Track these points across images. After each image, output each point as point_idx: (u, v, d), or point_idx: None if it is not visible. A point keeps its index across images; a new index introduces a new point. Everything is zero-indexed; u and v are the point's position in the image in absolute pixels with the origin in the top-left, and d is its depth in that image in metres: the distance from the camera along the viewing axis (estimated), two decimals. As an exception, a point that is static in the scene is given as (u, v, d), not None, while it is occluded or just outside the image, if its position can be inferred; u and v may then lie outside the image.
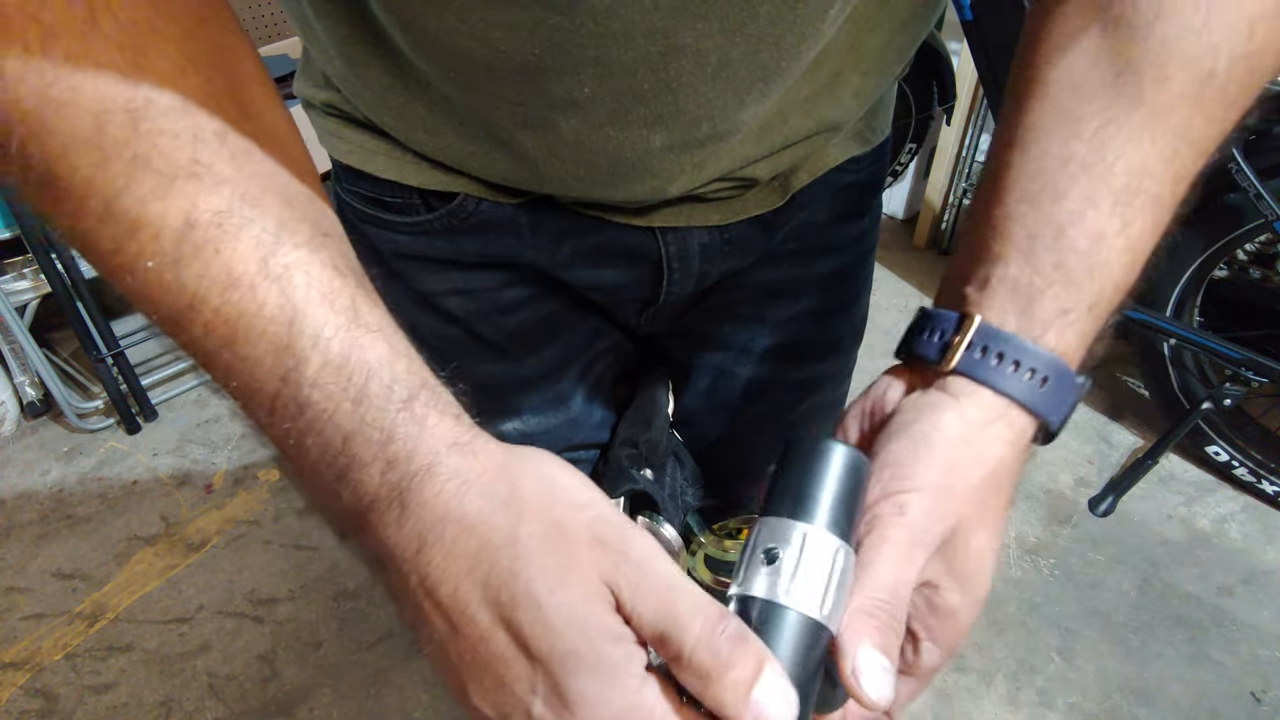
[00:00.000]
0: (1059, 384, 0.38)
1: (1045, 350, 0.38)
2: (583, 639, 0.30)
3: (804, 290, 0.69)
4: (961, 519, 0.36)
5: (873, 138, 0.65)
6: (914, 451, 0.37)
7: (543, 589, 0.30)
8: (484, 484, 0.32)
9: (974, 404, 0.38)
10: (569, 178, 0.52)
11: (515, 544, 0.31)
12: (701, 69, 0.43)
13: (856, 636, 0.33)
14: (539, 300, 0.64)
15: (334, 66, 0.51)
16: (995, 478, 0.37)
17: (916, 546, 0.35)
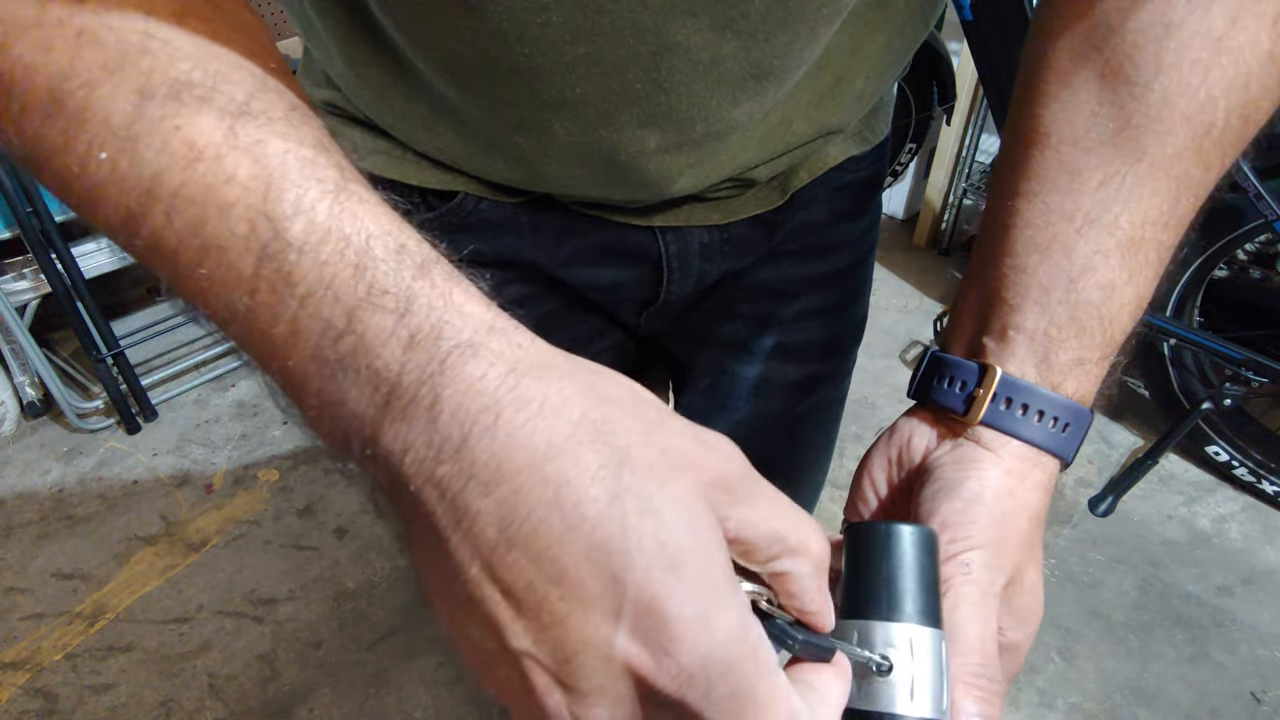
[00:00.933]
0: (1076, 426, 0.40)
1: (1065, 399, 0.40)
2: (694, 553, 0.24)
3: (804, 290, 0.69)
4: (1016, 564, 0.39)
5: (872, 137, 0.65)
6: (968, 511, 0.39)
7: (653, 485, 0.25)
8: (549, 373, 0.26)
9: (1011, 455, 0.40)
10: (566, 178, 0.52)
11: (611, 443, 0.25)
12: (693, 67, 0.43)
13: (964, 712, 0.35)
14: (538, 299, 0.64)
15: (334, 65, 0.52)
16: (1036, 520, 0.40)
17: (987, 598, 0.37)
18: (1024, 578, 0.39)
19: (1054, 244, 0.40)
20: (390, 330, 0.26)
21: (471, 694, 1.51)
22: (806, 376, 0.74)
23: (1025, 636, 0.40)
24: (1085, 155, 0.40)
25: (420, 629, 1.62)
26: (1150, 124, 0.38)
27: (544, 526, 0.24)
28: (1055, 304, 0.40)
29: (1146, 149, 0.39)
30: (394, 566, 1.73)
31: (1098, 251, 0.39)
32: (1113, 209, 0.39)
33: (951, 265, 2.67)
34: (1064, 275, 0.40)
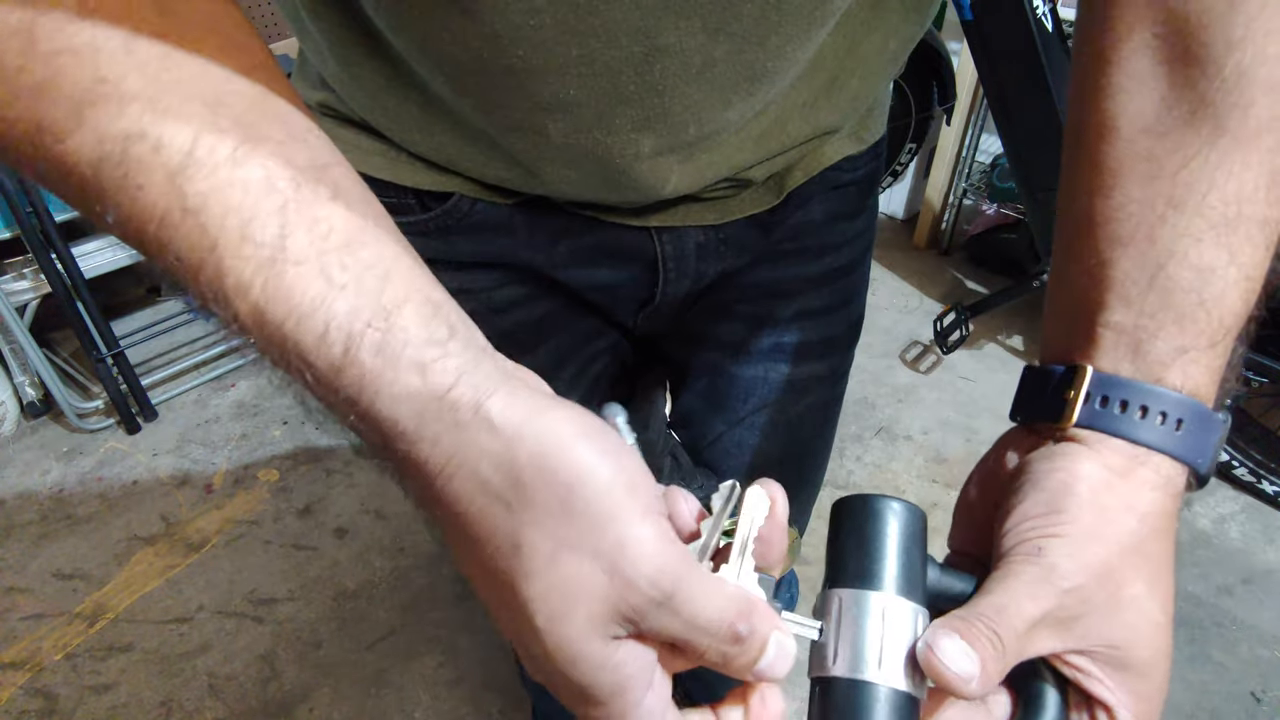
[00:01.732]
0: (1197, 425, 0.36)
1: (1171, 391, 0.36)
2: (572, 669, 0.29)
3: (801, 289, 0.69)
4: (1118, 568, 0.34)
5: (868, 137, 0.65)
6: (1055, 502, 0.36)
7: (542, 617, 0.28)
8: (480, 470, 0.28)
9: (1111, 451, 0.36)
10: (560, 179, 0.52)
11: (518, 556, 0.28)
12: (686, 69, 0.43)
13: (938, 628, 0.32)
14: (535, 300, 0.64)
15: (329, 67, 0.51)
16: (1151, 525, 0.35)
17: (1045, 584, 0.34)
18: (1124, 586, 0.34)
19: (1137, 234, 0.37)
20: (338, 413, 0.28)
21: (471, 694, 1.51)
22: (804, 376, 0.74)
23: (1145, 660, 0.34)
24: (1161, 140, 0.37)
25: (420, 629, 1.62)
26: (1229, 99, 0.36)
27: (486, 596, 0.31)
28: (1145, 294, 0.37)
29: (1227, 125, 0.36)
30: (394, 566, 1.74)
31: (1186, 235, 0.36)
32: (1198, 189, 0.36)
33: (951, 265, 2.67)
34: (1151, 263, 0.37)
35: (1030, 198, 1.94)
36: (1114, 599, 0.34)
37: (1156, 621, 0.34)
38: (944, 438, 2.03)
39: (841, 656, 0.33)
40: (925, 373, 2.25)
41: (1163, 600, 0.35)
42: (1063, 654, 0.35)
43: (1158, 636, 0.35)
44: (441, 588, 1.69)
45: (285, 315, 0.27)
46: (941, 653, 0.31)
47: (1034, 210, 1.97)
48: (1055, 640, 0.34)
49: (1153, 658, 0.34)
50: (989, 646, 0.32)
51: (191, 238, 0.27)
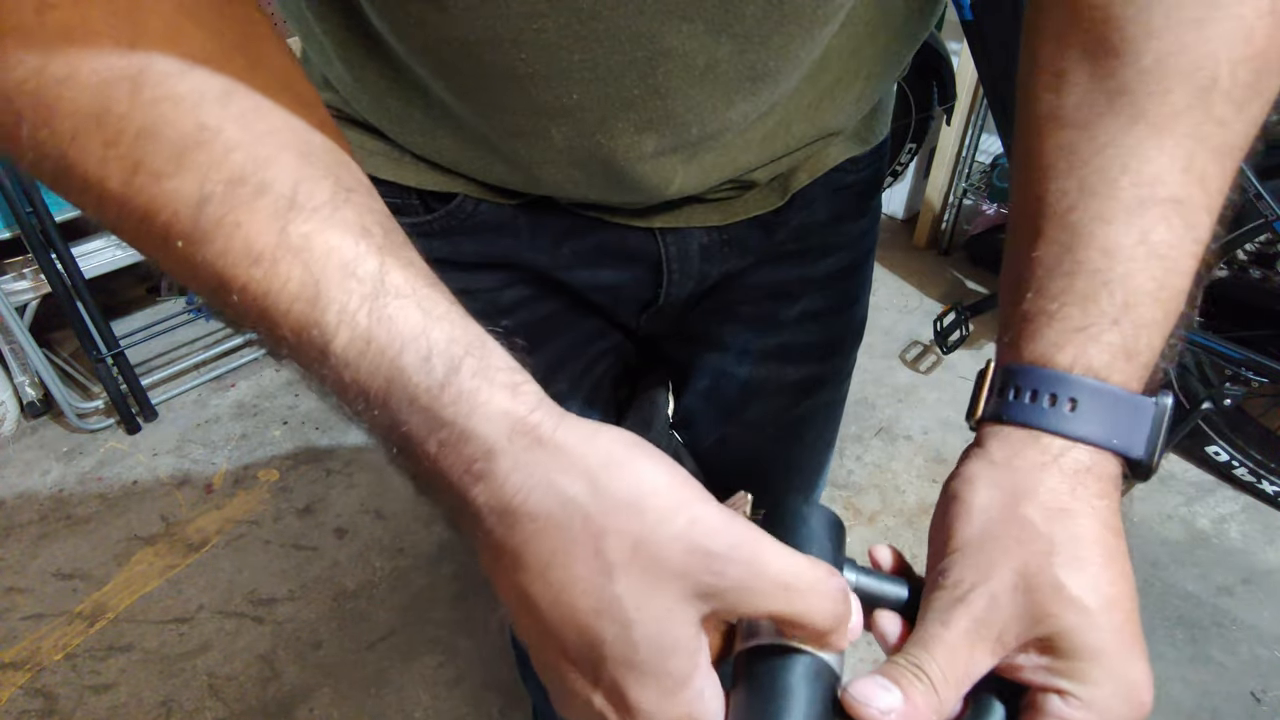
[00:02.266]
0: (1095, 404, 0.36)
1: (1059, 372, 0.36)
2: (659, 655, 0.30)
3: (804, 291, 0.69)
4: (1022, 563, 0.34)
5: (872, 138, 0.65)
6: (950, 511, 0.37)
7: (631, 606, 0.29)
8: (558, 483, 0.30)
9: (999, 443, 0.37)
10: (564, 181, 0.52)
11: (601, 556, 0.29)
12: (689, 71, 0.43)
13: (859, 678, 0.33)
14: (538, 301, 0.64)
15: (333, 69, 0.52)
16: (1055, 508, 0.35)
17: (955, 607, 0.34)
18: (1035, 579, 0.33)
19: (1049, 223, 0.38)
20: (425, 439, 0.30)
21: (471, 694, 1.51)
22: (807, 378, 0.74)
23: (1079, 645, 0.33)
24: (1080, 131, 0.38)
25: (420, 629, 1.62)
26: (1146, 86, 0.37)
27: (549, 615, 0.30)
28: (1053, 279, 0.38)
29: (1144, 111, 0.37)
30: (394, 566, 1.74)
31: (1097, 219, 0.37)
32: (1110, 174, 0.37)
33: (951, 265, 2.67)
34: (1059, 248, 0.38)
35: (1030, 198, 1.94)
36: (1030, 594, 0.33)
37: (1084, 606, 0.33)
38: (944, 438, 2.04)
39: (762, 629, 0.34)
40: (925, 373, 2.25)
41: (1094, 582, 0.33)
42: (1005, 663, 0.34)
43: (1097, 620, 0.33)
44: (441, 588, 1.69)
45: (388, 342, 0.30)
46: (858, 692, 0.32)
47: (1034, 210, 1.97)
48: (990, 654, 0.34)
49: (1099, 642, 0.33)
50: (912, 679, 0.33)
51: (293, 273, 0.29)
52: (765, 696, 0.32)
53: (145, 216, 0.30)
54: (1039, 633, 0.33)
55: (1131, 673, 0.33)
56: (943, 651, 0.33)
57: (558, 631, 0.31)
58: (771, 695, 0.32)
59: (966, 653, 0.33)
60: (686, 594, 0.30)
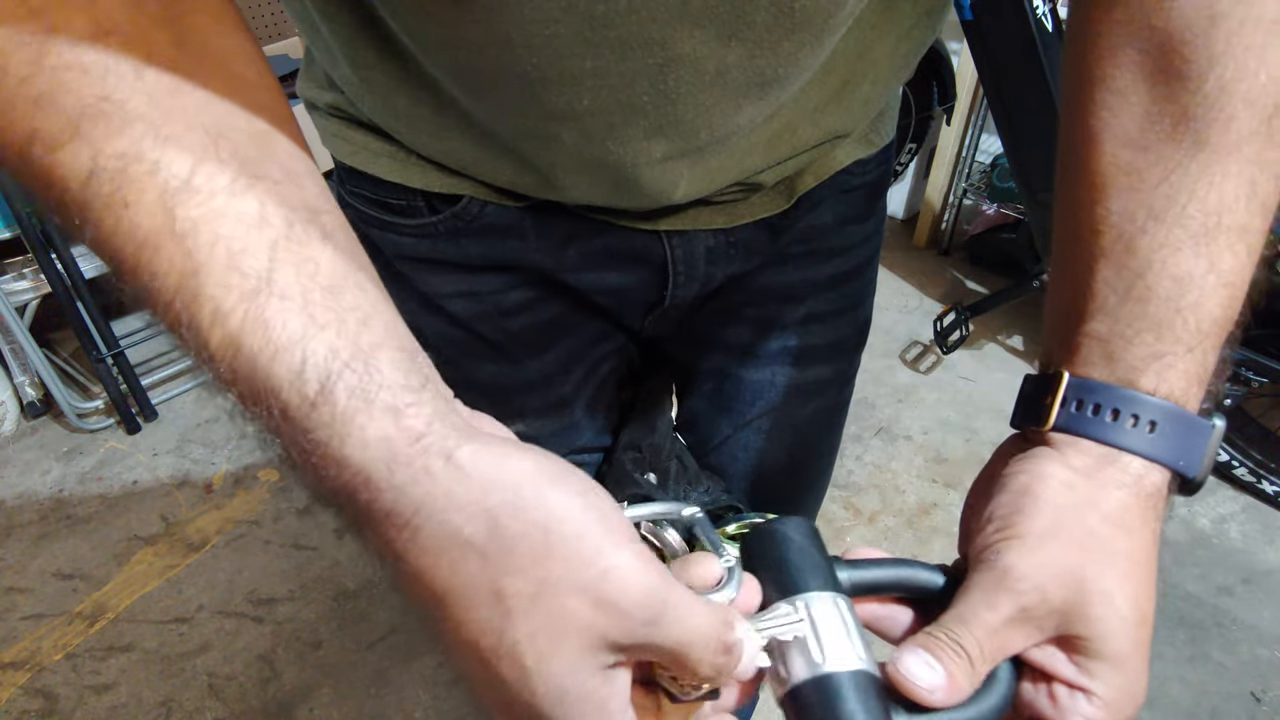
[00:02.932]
0: (1173, 428, 0.37)
1: (1144, 395, 0.37)
2: (561, 706, 0.29)
3: (809, 293, 0.69)
4: (1079, 565, 0.35)
5: (878, 140, 0.65)
6: (1016, 502, 0.37)
7: (530, 656, 0.28)
8: (451, 521, 0.28)
9: (1077, 452, 0.38)
10: (572, 185, 0.52)
11: (500, 599, 0.28)
12: (699, 78, 0.43)
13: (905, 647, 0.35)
14: (543, 303, 0.64)
15: (339, 69, 0.51)
16: (1118, 523, 0.36)
17: (1001, 590, 0.35)
18: (1087, 581, 0.35)
19: (1118, 245, 0.39)
20: (299, 455, 0.28)
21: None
22: (811, 380, 0.74)
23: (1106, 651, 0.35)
24: (1143, 154, 0.38)
25: (420, 629, 1.62)
26: (1210, 113, 0.37)
27: (452, 647, 0.30)
28: (1122, 303, 0.38)
29: (1208, 138, 0.37)
30: (394, 566, 1.74)
31: (1165, 245, 0.37)
32: (1178, 201, 0.37)
33: (951, 265, 2.67)
34: (1130, 273, 0.38)
35: (1030, 198, 1.94)
36: (1077, 595, 0.35)
37: (1124, 616, 0.35)
38: (944, 438, 2.04)
39: (793, 665, 0.34)
40: (925, 373, 2.25)
41: (1134, 597, 0.35)
42: (1032, 648, 0.36)
43: (1129, 630, 0.35)
44: (442, 588, 1.69)
45: (262, 347, 0.27)
46: (906, 669, 0.34)
47: (1034, 210, 1.98)
48: (1025, 638, 0.36)
49: (1125, 650, 0.35)
50: (954, 658, 0.34)
51: (174, 261, 0.27)
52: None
53: (41, 187, 0.28)
54: (1076, 631, 0.35)
55: (1139, 684, 0.36)
56: (984, 632, 0.35)
57: (462, 665, 0.30)
58: None
59: (1005, 636, 0.35)
60: (591, 646, 0.29)
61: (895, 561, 0.39)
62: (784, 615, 0.35)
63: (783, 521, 0.38)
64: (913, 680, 0.34)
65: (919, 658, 0.34)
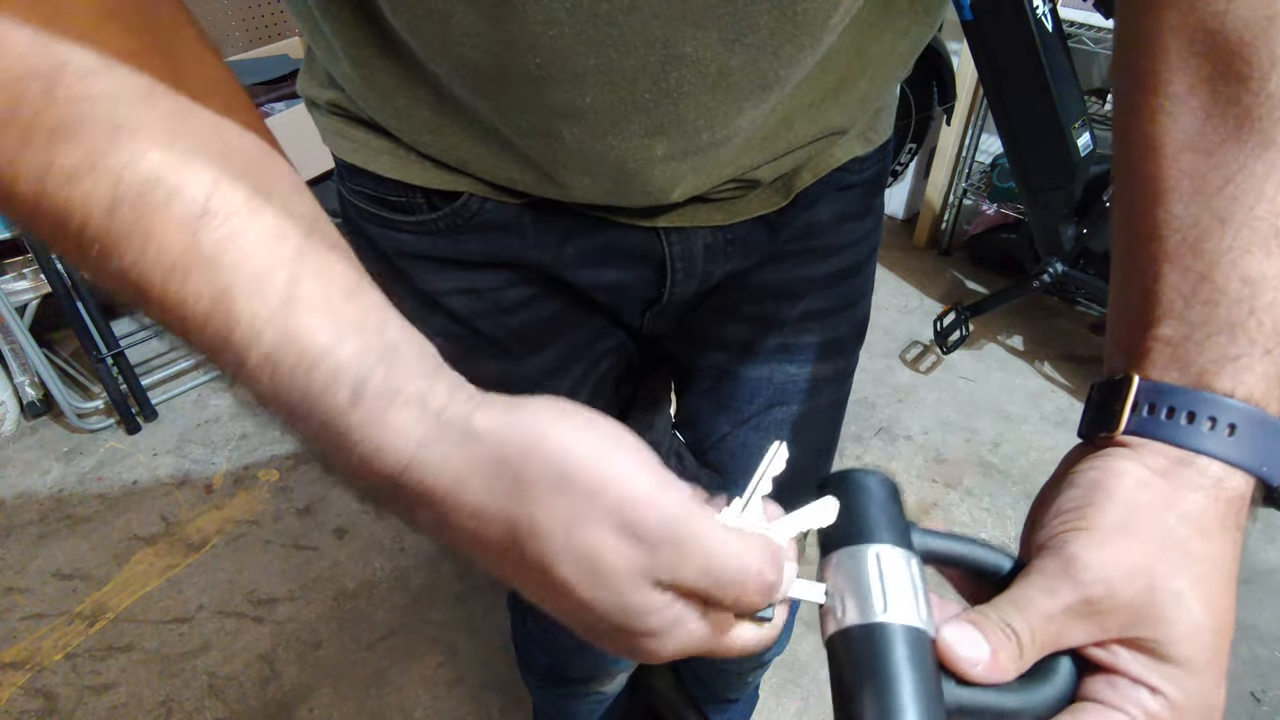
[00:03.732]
0: (1254, 431, 0.35)
1: (1221, 397, 0.36)
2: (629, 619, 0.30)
3: (807, 290, 0.69)
4: (1151, 563, 0.34)
5: (875, 138, 0.65)
6: (1087, 496, 0.36)
7: (583, 589, 0.29)
8: (482, 479, 0.29)
9: (1153, 453, 0.36)
10: (573, 183, 0.52)
11: (538, 539, 0.29)
12: (701, 78, 0.43)
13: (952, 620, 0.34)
14: (543, 300, 0.64)
15: (340, 67, 0.51)
16: (1196, 525, 0.35)
17: (1064, 578, 0.34)
18: (1159, 581, 0.33)
19: (1182, 249, 0.37)
20: (342, 455, 0.29)
21: (471, 694, 1.51)
22: (810, 377, 0.74)
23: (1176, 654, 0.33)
24: (1206, 158, 0.37)
25: (420, 629, 1.62)
26: (1275, 113, 0.36)
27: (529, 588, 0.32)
28: (1191, 306, 0.37)
29: (1274, 138, 0.36)
30: (394, 566, 1.73)
31: (1233, 248, 0.36)
32: (1245, 203, 0.36)
33: (951, 265, 2.67)
34: (1197, 277, 0.37)
35: (1030, 198, 1.94)
36: (1147, 594, 0.33)
37: (1197, 620, 0.33)
38: (944, 438, 2.04)
39: (849, 608, 0.34)
40: (925, 373, 2.25)
41: (1209, 602, 0.34)
42: (1095, 644, 0.35)
43: (1202, 636, 0.33)
44: (441, 588, 1.69)
45: (297, 361, 0.29)
46: (949, 637, 0.33)
47: (1034, 210, 1.98)
48: (1085, 633, 0.34)
49: (1197, 656, 0.33)
50: (1001, 637, 0.33)
51: (203, 284, 0.29)
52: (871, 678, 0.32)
53: (59, 220, 0.28)
54: (1145, 633, 0.34)
55: (1215, 697, 0.34)
56: (1039, 619, 0.34)
57: (548, 601, 0.31)
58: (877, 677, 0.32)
59: (1062, 626, 0.34)
60: (630, 571, 0.30)
61: (967, 539, 0.38)
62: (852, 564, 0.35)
63: (867, 473, 0.38)
64: (953, 650, 0.33)
65: (964, 630, 0.33)
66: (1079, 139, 1.80)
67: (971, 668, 0.33)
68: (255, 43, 2.45)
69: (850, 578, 0.35)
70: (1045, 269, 2.00)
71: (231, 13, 2.41)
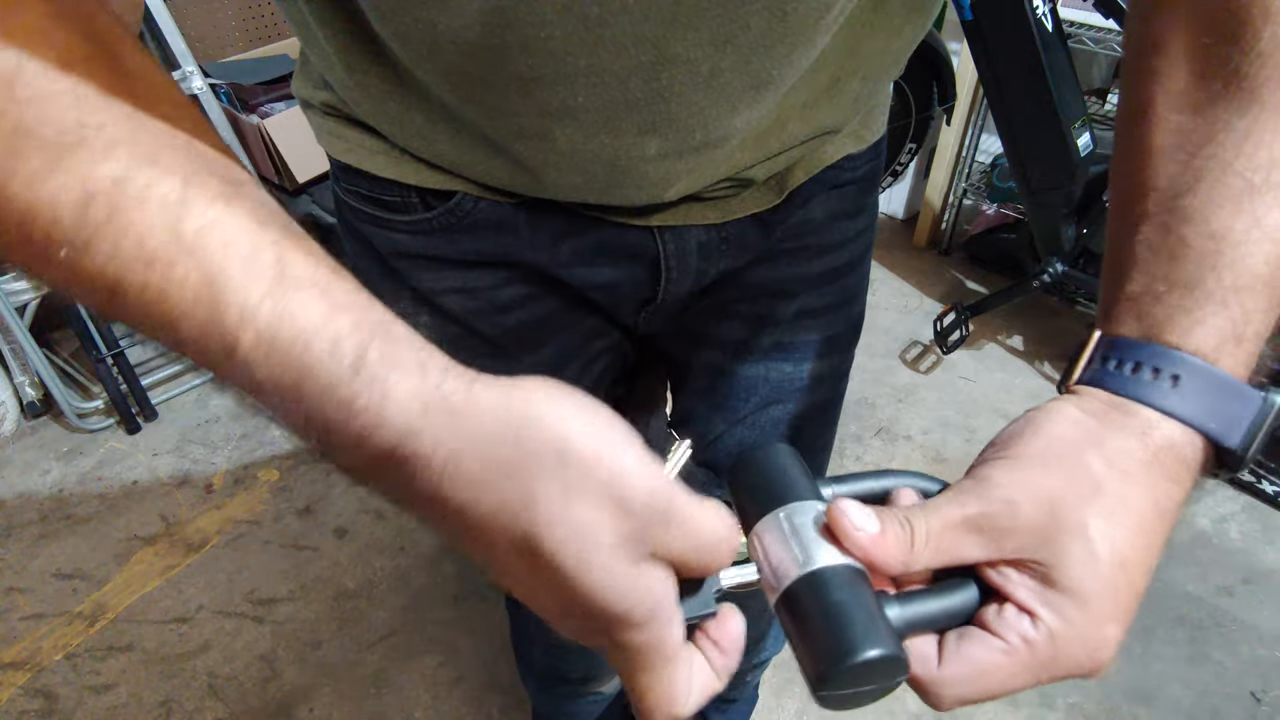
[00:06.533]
0: (1199, 384, 0.35)
1: (1167, 348, 0.36)
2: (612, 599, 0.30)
3: (802, 289, 0.69)
4: (1060, 491, 0.34)
5: (868, 136, 0.65)
6: (1018, 429, 0.37)
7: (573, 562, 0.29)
8: (482, 448, 0.29)
9: (1092, 399, 0.37)
10: (566, 184, 0.52)
11: (533, 510, 0.29)
12: (693, 78, 0.44)
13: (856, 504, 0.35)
14: (537, 299, 0.64)
15: (334, 72, 0.52)
16: (1116, 465, 0.35)
17: (972, 494, 0.35)
18: (1067, 512, 0.34)
19: (1160, 207, 0.38)
20: (343, 430, 0.29)
21: (471, 694, 1.51)
22: (805, 375, 0.74)
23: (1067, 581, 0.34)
24: (1192, 117, 0.38)
25: (420, 629, 1.62)
26: (1264, 70, 0.36)
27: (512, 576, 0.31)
28: (1158, 261, 0.37)
29: (1259, 95, 0.36)
30: (394, 566, 1.74)
31: (1208, 203, 0.36)
32: (1223, 158, 0.36)
33: (951, 265, 2.67)
34: (1169, 232, 0.37)
35: (1030, 198, 1.94)
36: (1049, 519, 0.34)
37: (1095, 553, 0.34)
38: (944, 438, 2.03)
39: (779, 574, 0.35)
40: (925, 373, 2.25)
41: (1112, 539, 0.34)
42: (990, 561, 0.35)
43: (1098, 569, 0.34)
44: (441, 588, 1.69)
45: (294, 337, 0.28)
46: (842, 505, 0.34)
47: (1034, 210, 1.98)
48: (981, 548, 0.35)
49: (1087, 587, 0.34)
50: (894, 524, 0.34)
51: (190, 271, 0.28)
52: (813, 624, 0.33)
53: (22, 223, 0.27)
54: (1039, 555, 0.34)
55: (1104, 630, 0.35)
56: (938, 521, 0.35)
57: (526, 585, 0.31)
58: (818, 620, 0.33)
59: (959, 534, 0.35)
60: (622, 542, 0.30)
61: (878, 472, 0.39)
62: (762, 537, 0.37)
63: (763, 449, 0.39)
64: (843, 515, 0.34)
65: (857, 505, 0.35)
66: (1079, 139, 1.80)
67: (854, 532, 0.34)
68: (255, 43, 2.45)
69: (770, 547, 0.36)
70: (1045, 269, 2.00)
71: (231, 13, 2.41)
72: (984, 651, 0.35)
